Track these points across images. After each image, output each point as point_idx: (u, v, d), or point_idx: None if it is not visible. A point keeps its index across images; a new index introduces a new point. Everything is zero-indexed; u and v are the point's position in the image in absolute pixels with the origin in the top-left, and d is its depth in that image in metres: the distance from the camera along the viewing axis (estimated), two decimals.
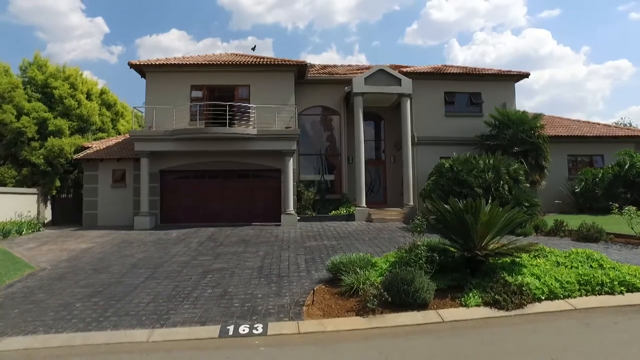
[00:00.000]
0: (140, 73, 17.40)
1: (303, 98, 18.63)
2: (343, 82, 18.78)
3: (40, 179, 18.53)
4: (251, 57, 18.59)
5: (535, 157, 16.93)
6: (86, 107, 20.75)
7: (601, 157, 19.85)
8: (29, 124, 18.49)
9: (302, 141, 18.63)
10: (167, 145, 16.00)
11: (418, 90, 17.96)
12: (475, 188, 13.53)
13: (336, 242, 12.13)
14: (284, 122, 16.80)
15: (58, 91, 20.02)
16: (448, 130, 18.33)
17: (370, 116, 19.49)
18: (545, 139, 17.25)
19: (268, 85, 17.22)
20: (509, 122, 17.08)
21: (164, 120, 16.23)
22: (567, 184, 18.64)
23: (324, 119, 19.72)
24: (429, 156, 17.67)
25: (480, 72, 19.15)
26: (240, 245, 11.99)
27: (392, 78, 17.60)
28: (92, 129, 21.54)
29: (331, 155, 19.64)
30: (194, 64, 17.08)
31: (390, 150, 19.95)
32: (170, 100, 16.56)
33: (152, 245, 12.10)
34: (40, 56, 21.30)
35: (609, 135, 19.84)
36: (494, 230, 7.73)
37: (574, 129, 20.39)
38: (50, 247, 12.20)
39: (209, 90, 17.47)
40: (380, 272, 7.82)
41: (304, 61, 17.58)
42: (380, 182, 20.06)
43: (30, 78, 20.60)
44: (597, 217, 13.89)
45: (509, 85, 19.22)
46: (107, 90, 23.91)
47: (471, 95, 18.93)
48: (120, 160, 17.30)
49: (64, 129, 19.40)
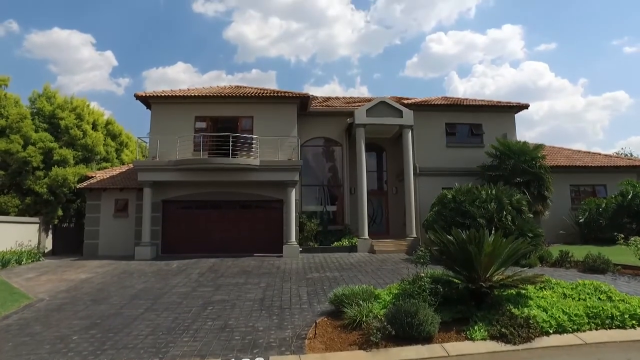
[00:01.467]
0: (146, 104, 17.73)
1: (305, 129, 18.85)
2: (345, 113, 19.04)
3: (43, 208, 18.55)
4: (254, 89, 18.96)
5: (537, 188, 16.90)
6: (91, 137, 21.03)
7: (604, 187, 19.82)
8: (35, 153, 18.70)
9: (305, 172, 18.70)
10: (170, 176, 16.09)
11: (419, 122, 18.17)
12: (478, 219, 13.43)
13: (339, 273, 11.96)
14: (286, 153, 16.95)
15: (64, 122, 20.35)
16: (450, 161, 18.41)
17: (372, 147, 19.64)
18: (546, 169, 17.29)
19: (271, 116, 17.47)
20: (510, 152, 17.19)
21: (168, 151, 16.40)
22: (570, 214, 18.54)
23: (326, 150, 19.88)
24: (431, 187, 17.68)
25: (480, 104, 19.44)
26: (242, 276, 11.83)
27: (393, 110, 17.87)
28: (96, 159, 21.73)
29: (333, 186, 19.66)
30: (198, 95, 17.42)
31: (393, 181, 19.98)
32: (175, 130, 16.78)
33: (152, 276, 11.95)
34: (50, 88, 21.85)
35: (610, 165, 19.93)
36: (498, 261, 7.63)
37: (575, 159, 20.49)
38: (49, 277, 12.06)
39: (212, 121, 17.73)
40: (384, 305, 7.67)
41: (306, 93, 17.90)
42: (382, 213, 19.98)
43: (38, 109, 21.01)
44: (602, 248, 13.72)
45: (509, 116, 19.46)
46: (113, 120, 24.32)
47: (472, 126, 19.14)
48: (123, 190, 17.35)
49: (69, 158, 19.58)
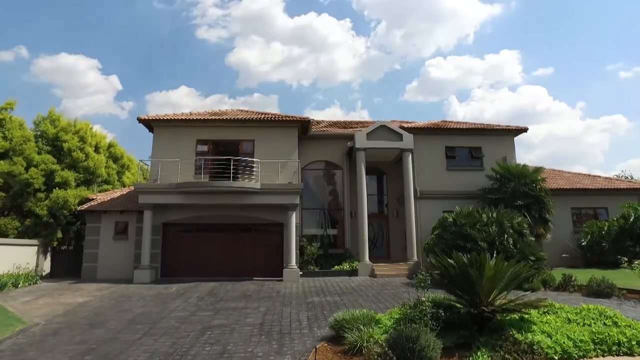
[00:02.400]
0: (149, 127, 17.93)
1: (306, 153, 18.97)
2: (345, 137, 19.21)
3: (42, 230, 18.47)
4: (256, 113, 19.21)
5: (538, 210, 16.88)
6: (93, 159, 21.15)
7: (605, 209, 19.73)
8: (37, 175, 18.76)
9: (305, 195, 18.70)
10: (171, 198, 16.11)
11: (419, 145, 18.32)
12: (479, 242, 13.37)
13: (339, 298, 11.81)
14: (287, 176, 17.02)
15: (67, 144, 20.51)
16: (450, 184, 18.44)
17: (372, 171, 19.70)
18: (547, 192, 17.30)
19: (272, 140, 17.63)
20: (510, 175, 17.25)
21: (169, 174, 16.48)
22: (572, 237, 18.41)
23: (327, 173, 19.94)
24: (432, 210, 17.65)
25: (479, 127, 19.60)
26: (241, 300, 11.68)
27: (393, 133, 18.04)
28: (97, 181, 21.78)
29: (334, 209, 19.63)
30: (200, 119, 17.62)
31: (393, 205, 19.95)
32: (176, 153, 16.91)
33: (151, 300, 11.80)
34: (54, 111, 22.05)
35: (610, 188, 19.91)
36: (500, 285, 7.54)
37: (576, 182, 20.49)
38: (46, 300, 11.92)
39: (214, 145, 17.88)
40: (385, 330, 7.54)
41: (307, 117, 18.12)
42: (383, 237, 19.86)
43: (42, 131, 21.20)
44: (606, 272, 13.54)
45: (508, 139, 19.60)
46: (115, 143, 24.51)
47: (472, 149, 19.25)
48: (124, 213, 17.33)
49: (70, 180, 19.63)
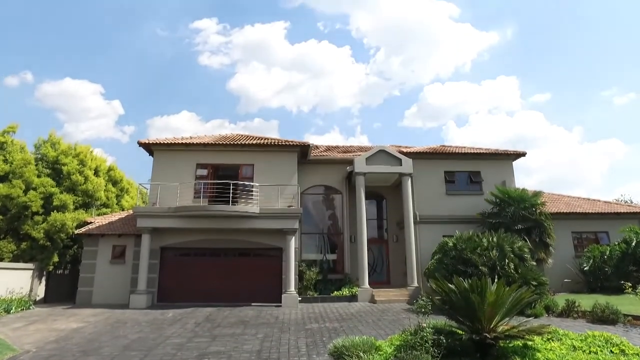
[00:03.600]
0: (149, 151, 18.00)
1: (306, 177, 18.99)
2: (345, 162, 19.26)
3: (38, 253, 18.29)
4: (256, 137, 19.32)
5: (539, 235, 16.79)
6: (92, 182, 21.17)
7: (606, 233, 19.60)
8: (35, 198, 18.74)
9: (305, 220, 18.63)
10: (169, 222, 16.01)
11: (419, 170, 18.38)
12: (480, 267, 13.23)
13: (338, 324, 11.59)
14: (286, 200, 16.99)
15: (67, 167, 20.58)
16: (450, 208, 18.41)
17: (372, 195, 19.69)
18: (547, 216, 17.24)
19: (272, 164, 17.69)
20: (510, 199, 17.23)
21: (168, 198, 16.44)
22: (574, 261, 18.22)
23: (326, 198, 19.89)
24: (432, 235, 17.55)
25: (478, 152, 19.71)
26: (239, 326, 11.45)
27: (392, 158, 18.12)
28: (96, 204, 21.74)
29: (333, 234, 19.49)
30: (200, 143, 17.67)
31: (393, 229, 19.84)
32: (176, 177, 16.93)
33: (146, 326, 11.55)
34: (55, 135, 22.27)
35: (611, 212, 19.83)
36: (502, 310, 7.41)
37: (575, 206, 20.43)
38: (38, 326, 11.66)
39: (213, 169, 17.91)
40: (385, 357, 7.37)
41: (306, 142, 18.21)
42: (383, 262, 19.66)
43: (43, 155, 21.33)
44: (610, 297, 13.35)
45: (507, 163, 19.68)
46: (115, 167, 24.58)
47: (471, 174, 19.29)
48: (122, 236, 17.18)
49: (69, 203, 19.59)
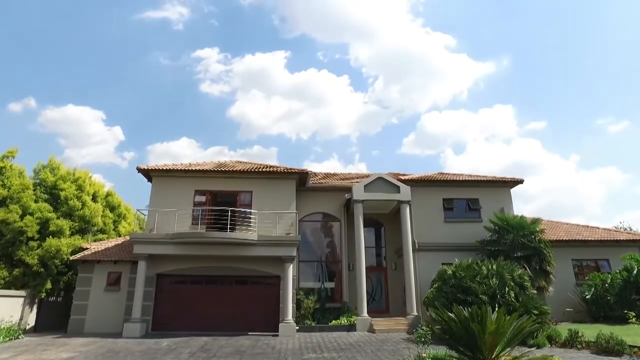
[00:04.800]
0: (147, 177, 18.02)
1: (304, 204, 18.96)
2: (343, 189, 19.29)
3: (31, 280, 17.97)
4: (254, 164, 19.40)
5: (538, 262, 16.65)
6: (90, 208, 21.10)
7: (607, 261, 19.37)
8: (32, 223, 18.60)
9: (303, 248, 18.50)
10: (166, 249, 15.86)
11: (417, 197, 18.40)
12: (480, 295, 13.07)
13: (337, 354, 11.32)
14: (284, 228, 16.91)
15: (65, 192, 20.56)
16: (448, 236, 18.34)
17: (370, 222, 19.63)
18: (546, 243, 17.15)
19: (270, 191, 17.69)
20: (509, 227, 17.18)
21: (166, 224, 16.33)
22: (576, 290, 17.95)
23: (325, 225, 19.79)
24: (431, 263, 17.43)
25: (476, 179, 19.82)
26: (235, 357, 11.16)
27: (391, 185, 18.16)
28: (93, 230, 21.58)
29: (331, 262, 19.30)
30: (199, 170, 17.74)
31: (391, 257, 19.67)
32: (174, 203, 16.88)
33: (140, 356, 11.25)
34: (55, 160, 22.34)
35: (610, 239, 19.66)
36: (503, 340, 7.27)
37: (575, 233, 20.33)
38: (26, 357, 11.31)
39: (212, 195, 17.87)
40: None
41: (305, 169, 18.29)
42: (381, 290, 19.40)
43: (41, 180, 21.33)
44: (614, 327, 13.09)
45: (505, 191, 19.73)
46: (113, 192, 24.58)
47: (469, 201, 19.32)
48: (117, 263, 16.96)
49: (65, 229, 19.45)
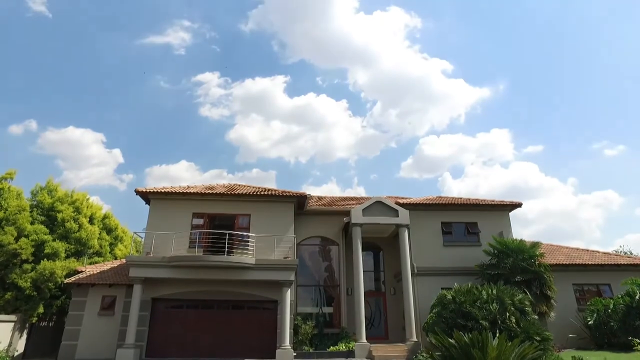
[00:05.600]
0: (145, 200, 17.91)
1: (302, 228, 18.84)
2: (342, 213, 19.20)
3: (23, 304, 17.62)
4: (252, 187, 19.31)
5: (539, 287, 16.41)
6: (86, 230, 20.97)
7: (608, 286, 19.05)
8: (27, 245, 18.41)
9: (301, 272, 18.29)
10: (162, 272, 15.63)
11: (415, 221, 18.29)
12: (480, 320, 12.85)
13: None
14: (282, 251, 16.75)
15: (62, 214, 20.47)
16: (447, 260, 18.17)
17: (369, 246, 19.47)
18: (547, 267, 16.95)
19: (268, 215, 17.61)
20: (508, 250, 17.02)
21: (163, 247, 16.16)
22: (578, 315, 17.62)
23: (323, 249, 19.61)
24: (430, 287, 17.18)
25: (474, 203, 19.75)
26: None
27: (389, 209, 18.08)
28: (88, 253, 21.37)
29: (330, 286, 19.03)
30: (197, 192, 17.65)
31: (390, 282, 19.43)
32: (171, 226, 16.74)
33: None
34: (53, 181, 22.34)
35: (611, 263, 19.42)
36: None
37: (575, 257, 20.10)
38: None
39: (209, 218, 17.75)
40: None
41: (303, 193, 18.24)
42: (380, 315, 19.07)
43: (39, 201, 21.28)
44: (619, 355, 12.82)
45: (504, 214, 19.65)
46: (110, 214, 24.49)
47: (468, 225, 19.22)
48: (112, 286, 16.67)
49: (60, 251, 19.26)
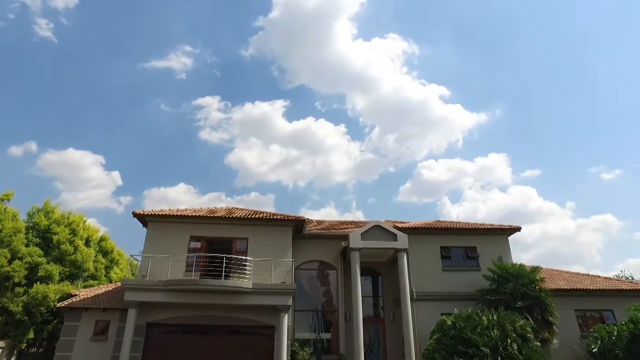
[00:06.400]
0: (143, 222, 17.77)
1: (300, 252, 18.64)
2: (340, 237, 19.05)
3: (13, 329, 17.27)
4: (250, 211, 19.18)
5: (540, 313, 16.14)
6: (82, 253, 20.77)
7: (611, 312, 18.59)
8: (20, 268, 18.17)
9: (298, 296, 17.99)
10: (158, 296, 15.39)
11: (414, 245, 18.14)
12: (481, 347, 12.64)
13: None
14: (280, 276, 16.56)
15: (57, 236, 20.30)
16: (447, 285, 17.96)
17: (367, 271, 19.25)
18: (547, 292, 16.72)
19: (266, 238, 17.47)
20: (508, 275, 16.82)
21: (159, 270, 15.93)
22: (581, 342, 17.20)
23: (321, 273, 19.36)
24: (430, 313, 16.91)
25: (473, 227, 19.63)
26: None
27: (388, 233, 17.93)
28: (83, 276, 21.11)
29: (328, 311, 18.71)
30: (195, 216, 17.55)
31: (389, 307, 19.11)
32: (168, 249, 16.56)
33: None
34: (50, 203, 22.23)
35: (612, 288, 19.06)
36: None
37: (576, 282, 19.77)
38: None
39: (207, 242, 17.57)
40: None
41: (301, 217, 18.13)
42: (379, 341, 18.66)
43: (35, 223, 21.14)
44: None
45: (503, 238, 19.51)
46: (107, 237, 24.33)
47: (467, 249, 19.08)
48: (106, 311, 16.33)
49: (54, 274, 19.02)
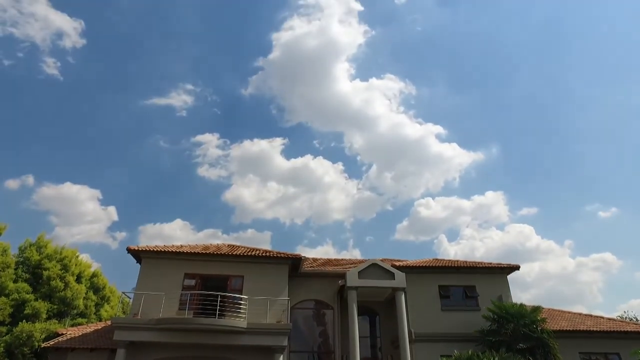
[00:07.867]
0: (137, 258, 17.46)
1: (296, 291, 18.25)
2: (337, 275, 18.70)
3: None
4: (246, 248, 18.92)
5: (544, 355, 15.65)
6: (72, 289, 20.29)
7: (617, 355, 17.79)
8: (5, 306, 17.66)
9: (294, 336, 17.47)
10: (149, 336, 14.91)
11: (412, 284, 17.81)
12: None
13: None
14: (276, 315, 16.16)
15: (48, 272, 19.89)
16: (446, 325, 17.49)
17: (364, 310, 18.78)
18: (550, 334, 16.24)
19: (262, 276, 17.16)
20: (508, 315, 16.42)
21: (152, 308, 15.50)
22: None
23: (317, 313, 18.89)
24: (429, 354, 16.48)
25: (472, 265, 19.34)
26: None
27: (385, 272, 17.67)
28: (72, 314, 20.49)
29: (324, 352, 18.13)
30: (190, 252, 17.31)
31: (387, 348, 18.47)
32: (162, 286, 16.18)
33: None
34: (44, 238, 21.89)
35: (617, 330, 18.28)
36: None
37: (578, 323, 19.10)
38: None
39: (202, 279, 17.20)
40: None
41: (298, 255, 17.84)
42: None
43: (25, 258, 20.69)
44: None
45: (502, 277, 19.18)
46: (99, 273, 23.86)
47: (466, 288, 18.71)
48: (94, 351, 15.76)
49: (42, 312, 18.47)
